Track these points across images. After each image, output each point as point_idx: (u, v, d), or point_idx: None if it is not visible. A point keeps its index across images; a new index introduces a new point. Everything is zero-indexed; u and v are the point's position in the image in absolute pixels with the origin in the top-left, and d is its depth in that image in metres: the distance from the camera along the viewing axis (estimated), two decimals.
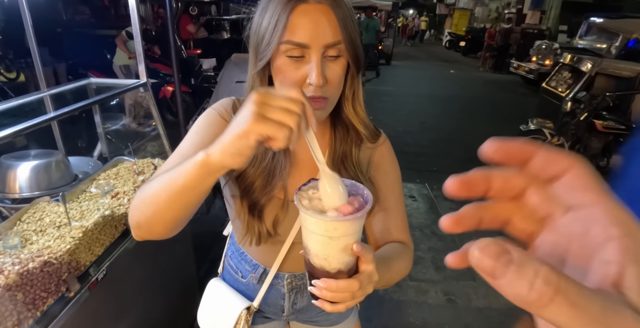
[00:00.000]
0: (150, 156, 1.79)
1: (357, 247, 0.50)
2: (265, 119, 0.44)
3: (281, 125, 0.44)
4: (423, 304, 2.42)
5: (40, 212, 1.33)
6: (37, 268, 1.04)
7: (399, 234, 0.81)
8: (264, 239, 0.81)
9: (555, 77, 4.84)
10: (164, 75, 5.21)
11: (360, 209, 0.49)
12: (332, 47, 0.64)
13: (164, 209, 0.57)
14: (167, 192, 0.55)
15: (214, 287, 0.97)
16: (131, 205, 0.63)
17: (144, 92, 1.67)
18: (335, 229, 0.48)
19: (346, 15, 0.65)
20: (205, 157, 0.49)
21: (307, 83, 0.65)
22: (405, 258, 0.77)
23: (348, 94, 0.75)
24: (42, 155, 1.59)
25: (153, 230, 0.62)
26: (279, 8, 0.63)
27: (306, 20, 0.62)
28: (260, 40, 0.67)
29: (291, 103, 0.45)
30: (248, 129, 0.44)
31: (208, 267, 2.56)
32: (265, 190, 0.76)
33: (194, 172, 0.51)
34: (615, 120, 4.06)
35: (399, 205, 0.83)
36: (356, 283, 0.52)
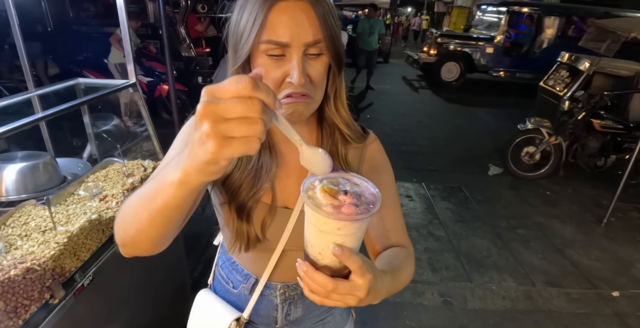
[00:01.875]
0: (140, 157, 1.75)
1: (336, 249, 0.48)
2: (228, 140, 0.38)
3: (248, 141, 0.39)
4: (419, 306, 2.40)
5: (25, 216, 1.29)
6: (20, 275, 1.01)
7: (398, 237, 0.78)
8: (252, 244, 0.78)
9: (553, 75, 4.81)
10: (159, 73, 5.18)
11: (357, 216, 0.47)
12: (313, 46, 0.62)
13: (147, 228, 0.54)
14: (147, 211, 0.52)
15: (203, 298, 0.94)
16: (115, 222, 0.61)
17: (133, 92, 1.64)
18: (325, 224, 0.48)
19: (326, 12, 0.63)
20: (181, 177, 0.44)
21: (287, 81, 0.63)
22: (410, 265, 0.75)
23: (330, 93, 0.73)
24: (29, 157, 1.56)
25: (139, 248, 0.59)
26: (257, 5, 0.61)
27: (286, 18, 0.60)
28: (238, 39, 0.65)
29: (248, 107, 0.38)
30: (214, 157, 0.39)
31: (202, 268, 2.54)
32: (251, 192, 0.74)
33: (172, 191, 0.46)
34: (613, 119, 4.04)
35: (394, 207, 0.81)
36: (330, 284, 0.50)
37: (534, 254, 3.00)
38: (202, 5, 5.56)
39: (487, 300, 2.50)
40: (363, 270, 0.50)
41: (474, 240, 3.14)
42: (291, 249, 0.80)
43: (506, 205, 3.78)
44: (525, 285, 2.64)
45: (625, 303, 2.54)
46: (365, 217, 0.48)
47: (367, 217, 0.48)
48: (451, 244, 3.07)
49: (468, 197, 3.88)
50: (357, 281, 0.50)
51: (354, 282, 0.50)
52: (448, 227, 3.32)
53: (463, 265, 2.81)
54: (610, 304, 2.52)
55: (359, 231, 0.50)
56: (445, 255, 2.92)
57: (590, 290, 2.64)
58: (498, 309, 2.42)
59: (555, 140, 4.05)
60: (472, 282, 2.64)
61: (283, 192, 0.77)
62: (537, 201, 3.89)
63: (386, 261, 0.71)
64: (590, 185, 4.23)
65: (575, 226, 3.45)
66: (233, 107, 0.37)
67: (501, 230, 3.32)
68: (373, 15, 7.70)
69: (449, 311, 2.38)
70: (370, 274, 0.51)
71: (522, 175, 4.30)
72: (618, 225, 3.49)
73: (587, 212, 3.71)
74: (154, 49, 5.46)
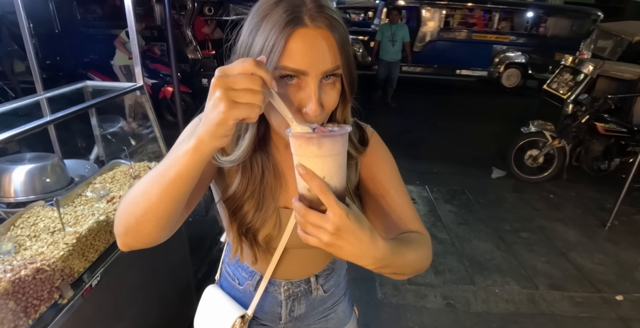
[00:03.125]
0: (147, 159, 1.77)
1: (299, 168, 0.52)
2: (236, 104, 0.47)
3: (252, 106, 0.48)
4: (422, 308, 2.41)
5: (34, 216, 1.31)
6: (30, 275, 1.02)
7: (411, 224, 0.73)
8: (260, 258, 0.82)
9: (556, 79, 4.81)
10: (164, 75, 5.21)
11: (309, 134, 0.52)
12: (330, 73, 0.61)
13: (156, 204, 0.55)
14: (158, 186, 0.55)
15: (210, 293, 0.97)
16: (117, 211, 0.61)
17: (140, 95, 1.66)
18: (292, 146, 0.54)
19: (344, 38, 0.62)
20: (196, 143, 0.50)
21: (303, 111, 0.61)
22: (423, 246, 0.69)
23: (339, 119, 0.70)
24: (37, 159, 1.58)
25: (142, 232, 0.58)
26: (276, 31, 0.58)
27: (305, 46, 0.58)
28: None
29: (252, 81, 0.47)
30: (225, 116, 0.47)
31: (206, 270, 2.55)
32: (258, 214, 0.75)
33: (186, 160, 0.52)
34: (617, 122, 4.04)
35: (402, 195, 0.77)
36: (302, 210, 0.52)
37: (537, 257, 3.00)
38: (209, 8, 5.59)
39: (490, 303, 2.50)
40: (329, 198, 0.50)
41: (477, 243, 3.14)
42: (293, 247, 0.81)
43: (509, 208, 3.78)
44: (529, 289, 2.64)
45: (629, 307, 2.53)
46: (321, 136, 0.51)
47: (325, 136, 0.52)
48: (454, 247, 3.07)
49: (471, 200, 3.88)
50: (328, 214, 0.50)
51: (325, 215, 0.50)
52: (451, 229, 3.32)
53: (466, 268, 2.81)
54: (614, 308, 2.52)
55: (325, 154, 0.51)
56: (449, 258, 2.92)
57: (593, 293, 2.63)
58: (501, 312, 2.42)
59: (558, 143, 4.04)
60: (475, 285, 2.64)
61: (284, 193, 0.78)
62: (540, 204, 3.88)
63: (395, 239, 0.68)
64: (594, 189, 4.22)
65: (578, 229, 3.45)
66: (240, 80, 0.47)
67: (504, 233, 3.32)
68: (396, 20, 6.49)
69: (452, 314, 2.39)
70: (343, 211, 0.49)
71: (526, 178, 4.29)
72: (622, 229, 3.48)
73: (590, 216, 3.71)
74: (158, 51, 5.50)
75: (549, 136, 4.08)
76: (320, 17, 0.59)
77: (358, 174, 0.80)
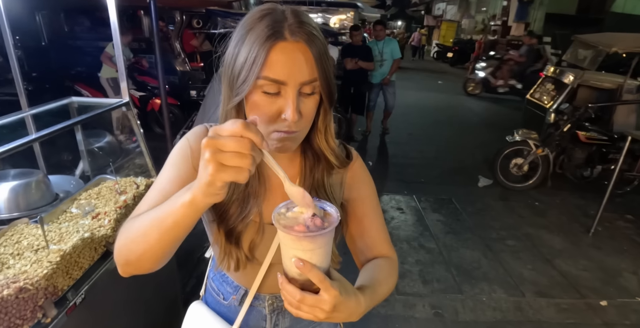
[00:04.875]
0: (133, 174, 1.77)
1: (298, 262, 0.54)
2: (224, 167, 0.48)
3: (239, 170, 0.48)
4: (410, 318, 2.42)
5: (18, 234, 1.30)
6: (12, 295, 1.02)
7: (382, 248, 0.82)
8: (242, 264, 0.82)
9: (539, 88, 4.93)
10: (152, 88, 5.21)
11: (303, 233, 0.54)
12: (307, 84, 0.65)
13: (155, 246, 0.61)
14: (157, 230, 0.59)
15: (195, 310, 0.98)
16: (117, 244, 0.65)
17: (126, 111, 1.67)
18: (285, 239, 0.55)
19: (321, 52, 0.66)
20: (191, 199, 0.53)
21: (282, 118, 0.65)
22: (392, 276, 0.78)
23: (321, 127, 0.76)
24: (21, 175, 1.57)
25: (142, 266, 0.65)
26: (257, 44, 0.62)
27: (284, 58, 0.63)
28: (236, 76, 0.66)
29: (241, 144, 0.47)
30: (212, 179, 0.48)
31: (195, 283, 2.53)
32: (241, 216, 0.77)
33: (182, 211, 0.55)
34: (598, 131, 4.15)
35: (377, 219, 0.85)
36: (298, 295, 0.55)
37: (524, 265, 3.04)
38: (197, 21, 5.63)
39: (477, 311, 2.52)
40: (325, 284, 0.54)
41: (464, 252, 3.18)
42: (278, 263, 0.82)
43: (496, 216, 3.83)
44: (515, 296, 2.67)
45: (613, 312, 2.57)
46: (317, 234, 0.53)
47: (317, 235, 0.54)
48: (442, 256, 3.10)
49: (458, 209, 3.92)
50: (322, 295, 0.55)
51: (320, 296, 0.55)
52: (439, 239, 3.36)
53: (454, 277, 2.84)
54: (599, 314, 2.56)
55: (315, 248, 0.55)
56: (436, 267, 2.95)
57: (578, 300, 2.68)
58: (489, 321, 2.45)
59: (542, 151, 4.13)
60: (463, 294, 2.67)
61: (269, 209, 0.80)
62: (526, 212, 3.95)
63: (368, 276, 0.74)
64: (578, 196, 4.30)
65: (563, 236, 3.51)
66: (229, 142, 0.47)
67: (491, 241, 3.37)
68: (382, 35, 5.45)
69: (440, 323, 2.40)
70: (336, 290, 0.55)
71: (511, 187, 4.37)
72: (605, 235, 3.55)
73: (575, 222, 3.78)
74: (146, 63, 5.50)
75: (532, 145, 4.17)
76: (299, 32, 0.64)
77: (342, 192, 0.85)
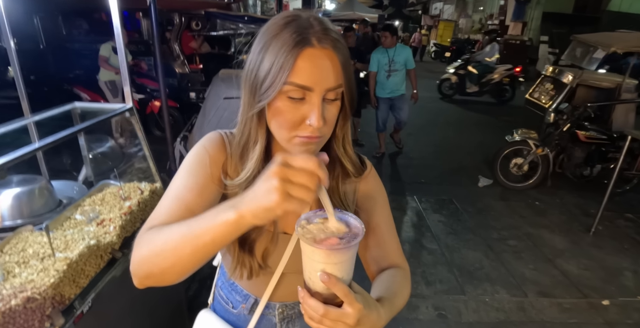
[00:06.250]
0: (136, 180, 1.77)
1: (324, 276, 0.54)
2: (289, 197, 0.48)
3: (303, 202, 0.49)
4: (414, 320, 2.42)
5: (23, 242, 1.30)
6: (20, 305, 1.01)
7: (394, 259, 0.82)
8: (255, 273, 0.81)
9: (538, 88, 4.94)
10: (151, 90, 5.20)
11: (337, 246, 0.54)
12: (332, 91, 0.66)
13: (186, 261, 0.58)
14: (190, 246, 0.56)
15: (204, 318, 0.97)
16: (138, 256, 0.62)
17: (130, 116, 1.66)
18: (312, 253, 0.54)
19: (346, 59, 0.67)
20: (237, 217, 0.52)
21: (306, 124, 0.66)
22: (407, 287, 0.78)
23: (339, 134, 0.76)
24: (24, 182, 1.57)
25: (166, 279, 0.62)
26: (285, 50, 0.62)
27: (311, 64, 0.63)
28: (260, 81, 0.66)
29: (310, 179, 0.49)
30: (275, 206, 0.48)
31: (197, 287, 2.53)
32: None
33: (223, 229, 0.53)
34: (597, 130, 4.17)
35: (390, 229, 0.85)
36: (321, 310, 0.54)
37: (525, 265, 3.05)
38: (196, 22, 5.62)
39: (481, 312, 2.53)
40: (350, 298, 0.54)
41: (466, 252, 3.18)
42: (290, 272, 0.83)
43: (496, 216, 3.84)
44: (518, 296, 2.68)
45: (615, 311, 2.58)
46: (343, 248, 0.53)
47: (347, 248, 0.54)
48: (444, 257, 3.11)
49: (459, 209, 3.93)
50: (347, 309, 0.54)
51: (344, 310, 0.54)
52: (440, 239, 3.36)
53: (456, 278, 2.84)
54: (601, 313, 2.57)
55: (342, 261, 0.55)
56: (439, 268, 2.95)
57: (580, 299, 2.68)
58: (492, 321, 2.45)
59: (542, 151, 4.14)
60: (466, 295, 2.67)
61: (283, 218, 0.80)
62: (526, 211, 3.96)
63: (384, 287, 0.73)
64: (578, 195, 4.32)
65: (564, 236, 3.52)
66: (300, 175, 0.49)
67: (492, 241, 3.37)
68: (393, 42, 4.67)
69: (444, 324, 2.41)
70: (361, 304, 0.54)
71: (511, 186, 4.38)
72: (606, 234, 3.57)
73: (575, 222, 3.79)
74: (145, 65, 5.49)
75: (532, 144, 4.18)
76: (326, 38, 0.64)
77: (355, 201, 0.86)
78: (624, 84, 4.30)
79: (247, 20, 4.97)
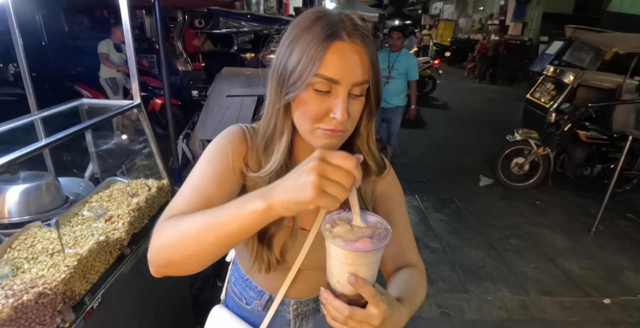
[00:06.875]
0: (143, 176, 1.77)
1: (351, 278, 0.53)
2: (324, 193, 0.48)
3: (335, 200, 0.49)
4: (417, 318, 2.43)
5: (31, 238, 1.30)
6: (32, 300, 1.01)
7: (410, 257, 0.83)
8: (273, 267, 0.81)
9: (539, 88, 4.95)
10: (152, 88, 5.19)
11: (369, 247, 0.54)
12: (358, 86, 0.66)
13: (210, 249, 0.57)
14: (215, 234, 0.55)
15: (218, 314, 0.97)
16: (157, 243, 0.61)
17: (138, 113, 1.66)
18: (341, 255, 0.54)
19: (374, 56, 0.67)
20: (266, 207, 0.51)
21: (330, 117, 0.66)
22: (423, 286, 0.79)
23: (363, 132, 0.76)
24: (31, 178, 1.56)
25: (186, 268, 0.61)
26: (315, 43, 0.63)
27: (341, 58, 0.63)
28: (288, 74, 0.66)
29: (347, 178, 0.49)
30: (309, 200, 0.48)
31: (200, 285, 2.53)
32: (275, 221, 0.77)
33: (251, 218, 0.53)
34: (598, 130, 4.18)
35: (406, 228, 0.86)
36: (347, 311, 0.54)
37: (527, 264, 3.07)
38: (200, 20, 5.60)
39: (483, 310, 2.54)
40: (376, 299, 0.54)
41: (468, 251, 3.19)
42: (306, 268, 0.83)
43: (498, 215, 3.85)
44: (520, 295, 2.69)
45: (616, 310, 2.60)
46: (375, 249, 0.54)
47: (378, 249, 0.54)
48: (446, 256, 3.12)
49: (461, 208, 3.94)
50: (372, 310, 0.54)
51: (369, 311, 0.54)
52: (442, 238, 3.37)
53: (459, 276, 2.85)
54: (603, 312, 2.58)
55: (372, 262, 0.55)
56: (441, 267, 2.96)
57: (582, 298, 2.70)
58: (495, 319, 2.46)
59: (543, 151, 4.15)
60: (469, 293, 2.68)
61: (302, 214, 0.80)
62: (527, 211, 3.97)
63: (403, 287, 0.73)
64: (578, 195, 4.34)
65: (565, 235, 3.53)
66: (338, 173, 0.49)
67: (494, 240, 3.39)
68: (399, 45, 4.01)
69: (447, 322, 2.42)
70: (385, 305, 0.54)
71: (512, 186, 4.39)
72: (606, 233, 3.59)
73: (576, 221, 3.80)
74: (146, 63, 5.48)
75: (533, 144, 4.19)
76: (355, 33, 0.65)
77: (373, 199, 0.86)
78: (624, 85, 4.32)
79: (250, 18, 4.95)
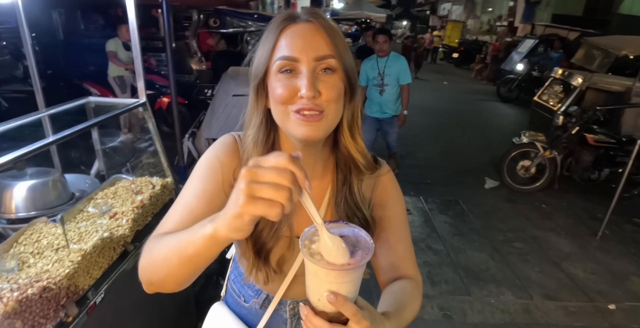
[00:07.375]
0: (147, 174, 1.79)
1: (330, 297, 0.51)
2: (255, 199, 0.44)
3: (272, 203, 0.44)
4: (419, 320, 2.42)
5: (37, 233, 1.32)
6: (36, 294, 1.03)
7: (407, 269, 0.79)
8: (271, 278, 0.82)
9: (547, 91, 4.92)
10: (159, 86, 5.22)
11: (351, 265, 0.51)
12: (323, 60, 0.65)
13: (176, 272, 0.59)
14: (177, 258, 0.57)
15: (217, 311, 0.98)
16: (141, 263, 0.64)
17: (143, 111, 1.68)
18: (319, 272, 0.51)
19: (335, 31, 0.68)
20: (212, 232, 0.50)
21: (298, 96, 0.65)
22: (417, 300, 0.75)
23: (345, 124, 0.74)
24: (38, 174, 1.59)
25: (166, 287, 0.64)
26: (272, 31, 0.68)
27: (295, 37, 0.66)
28: (254, 62, 0.71)
29: (280, 176, 0.44)
30: (241, 211, 0.45)
31: (204, 282, 2.54)
32: (272, 231, 0.76)
33: (202, 243, 0.52)
34: (606, 133, 4.14)
35: (405, 238, 0.82)
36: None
37: (531, 267, 3.04)
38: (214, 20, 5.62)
39: (486, 313, 2.52)
40: (358, 316, 0.52)
41: (471, 254, 3.18)
42: (303, 274, 0.83)
43: (503, 218, 3.83)
44: (523, 299, 2.68)
45: (621, 316, 2.57)
46: (354, 267, 0.51)
47: (357, 267, 0.51)
48: (450, 258, 3.11)
49: (465, 211, 3.92)
50: (353, 327, 0.52)
51: None
52: (446, 240, 3.36)
53: (462, 279, 2.84)
54: (607, 317, 2.56)
55: (354, 279, 0.53)
56: (444, 269, 2.95)
57: (587, 303, 2.67)
58: (497, 323, 2.45)
59: (550, 154, 4.12)
60: (471, 296, 2.67)
61: (299, 222, 0.80)
62: (533, 214, 3.94)
63: (394, 300, 0.72)
64: (585, 198, 4.29)
65: (570, 239, 3.50)
66: (267, 173, 0.44)
67: (498, 243, 3.37)
68: (387, 49, 3.77)
69: (449, 325, 2.41)
70: (368, 321, 0.52)
71: (518, 189, 4.36)
72: (613, 238, 3.55)
73: (582, 225, 3.77)
74: (154, 62, 5.52)
75: (540, 147, 4.16)
76: (309, 15, 0.68)
77: (371, 205, 0.84)
78: (634, 88, 4.28)
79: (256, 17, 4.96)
